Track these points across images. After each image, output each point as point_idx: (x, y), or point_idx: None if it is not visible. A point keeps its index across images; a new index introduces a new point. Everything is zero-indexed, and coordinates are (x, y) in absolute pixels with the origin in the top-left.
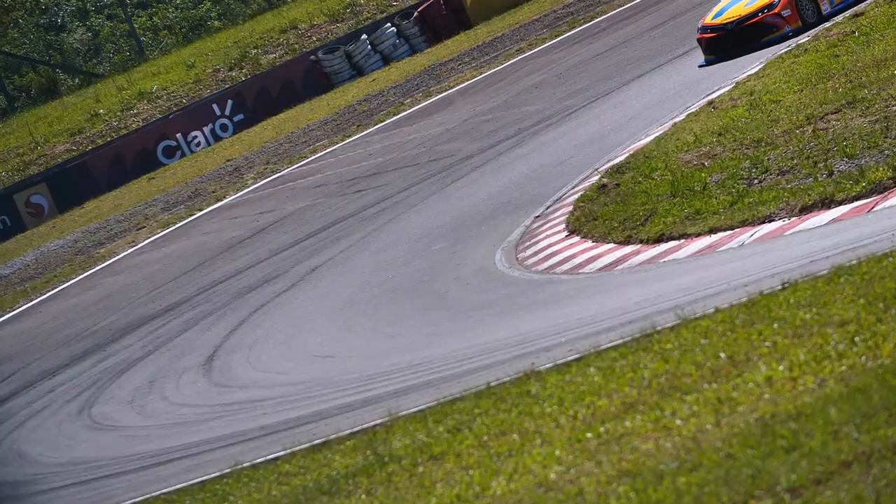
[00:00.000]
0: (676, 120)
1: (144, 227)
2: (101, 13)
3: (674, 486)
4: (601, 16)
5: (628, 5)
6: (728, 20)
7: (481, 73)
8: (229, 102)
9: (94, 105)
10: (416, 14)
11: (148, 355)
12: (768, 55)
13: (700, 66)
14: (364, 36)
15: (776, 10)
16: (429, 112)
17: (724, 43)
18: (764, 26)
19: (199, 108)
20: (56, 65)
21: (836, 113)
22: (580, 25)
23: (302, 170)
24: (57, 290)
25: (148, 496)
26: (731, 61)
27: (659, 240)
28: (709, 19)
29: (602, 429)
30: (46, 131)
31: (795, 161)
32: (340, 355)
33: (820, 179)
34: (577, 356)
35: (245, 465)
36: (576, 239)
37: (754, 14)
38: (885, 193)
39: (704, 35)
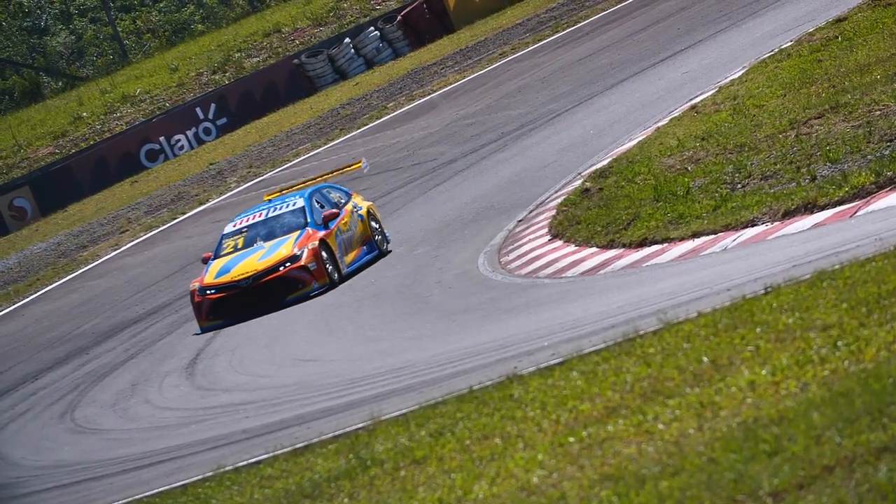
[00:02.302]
0: (660, 124)
1: (127, 230)
2: (85, 16)
3: (656, 490)
4: (584, 20)
5: (611, 10)
6: (241, 276)
7: (464, 77)
8: (212, 106)
9: (77, 108)
10: (399, 18)
11: (131, 359)
12: (752, 60)
13: (196, 335)
14: (347, 40)
15: (301, 263)
16: (412, 116)
17: (236, 304)
18: (288, 281)
19: (182, 111)
20: (39, 68)
21: (819, 118)
22: (563, 30)
23: (285, 173)
24: (39, 293)
25: (130, 499)
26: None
27: (642, 244)
28: (210, 279)
29: (584, 433)
30: (29, 134)
31: (778, 166)
32: (323, 359)
33: (803, 184)
34: (559, 360)
35: (227, 468)
36: (559, 243)
37: (275, 268)
38: (868, 198)
39: (207, 297)
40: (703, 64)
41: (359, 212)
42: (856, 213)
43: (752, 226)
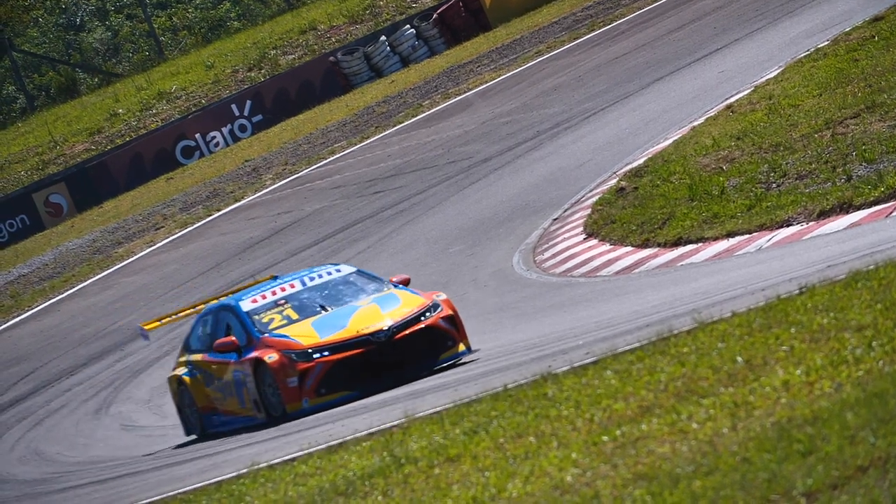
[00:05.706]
0: (695, 124)
1: (162, 226)
2: (121, 13)
3: (689, 489)
4: (620, 19)
5: (647, 8)
6: (371, 329)
7: (500, 76)
8: (248, 103)
9: (113, 105)
10: (435, 16)
11: (165, 355)
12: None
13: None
14: (383, 37)
15: (448, 313)
16: (447, 114)
17: (367, 366)
18: (438, 335)
19: (217, 108)
20: (75, 64)
21: (855, 117)
22: (599, 28)
23: (320, 171)
24: (75, 289)
25: (164, 496)
26: None
27: (676, 243)
28: (309, 340)
29: (618, 432)
30: (66, 130)
31: (814, 165)
32: None
33: (838, 184)
34: (593, 359)
35: (262, 465)
36: (593, 242)
37: (417, 317)
38: None
39: (317, 361)
40: (739, 63)
41: None
42: (892, 213)
43: (787, 226)
